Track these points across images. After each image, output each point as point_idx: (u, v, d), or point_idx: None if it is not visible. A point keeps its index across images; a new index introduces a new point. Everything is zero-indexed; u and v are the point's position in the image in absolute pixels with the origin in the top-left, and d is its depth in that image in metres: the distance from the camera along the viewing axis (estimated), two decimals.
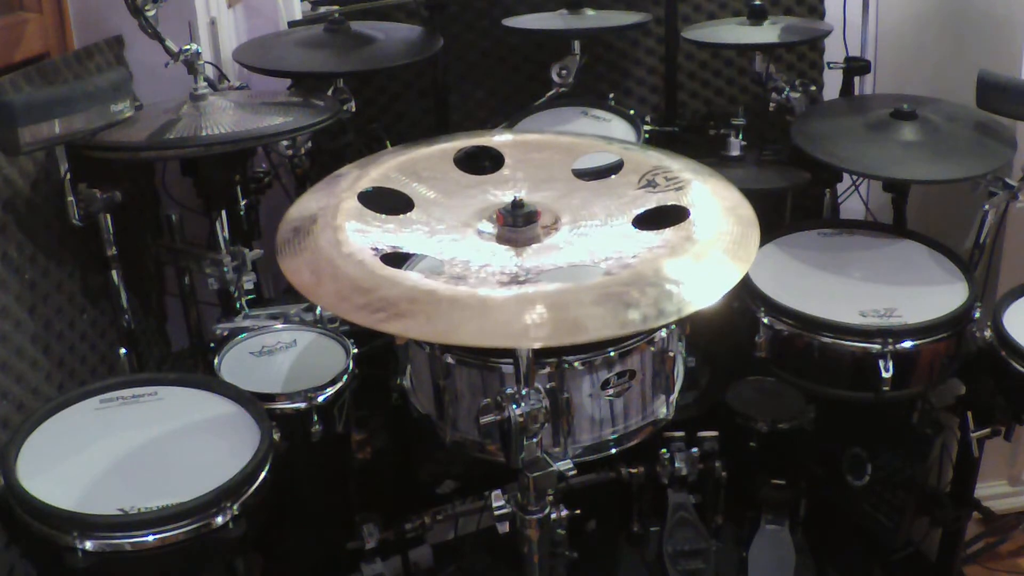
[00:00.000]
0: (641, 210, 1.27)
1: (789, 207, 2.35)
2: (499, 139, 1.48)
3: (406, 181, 1.33)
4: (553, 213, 1.27)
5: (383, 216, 1.25)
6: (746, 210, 1.27)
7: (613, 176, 1.39)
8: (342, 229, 1.17)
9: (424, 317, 1.03)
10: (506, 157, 1.43)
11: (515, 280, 1.12)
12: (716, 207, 1.25)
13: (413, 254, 1.33)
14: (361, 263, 1.10)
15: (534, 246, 1.21)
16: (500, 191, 1.33)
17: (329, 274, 1.10)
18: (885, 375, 1.65)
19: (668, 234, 1.18)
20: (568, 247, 1.21)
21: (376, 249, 1.15)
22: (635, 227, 1.24)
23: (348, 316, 1.05)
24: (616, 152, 1.46)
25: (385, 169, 1.35)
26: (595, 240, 1.22)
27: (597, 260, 1.17)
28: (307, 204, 1.27)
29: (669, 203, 1.27)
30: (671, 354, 1.56)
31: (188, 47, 1.77)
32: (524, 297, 1.05)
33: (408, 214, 1.27)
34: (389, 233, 1.21)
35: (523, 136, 1.54)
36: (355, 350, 1.74)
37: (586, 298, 1.04)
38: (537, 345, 1.12)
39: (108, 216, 1.66)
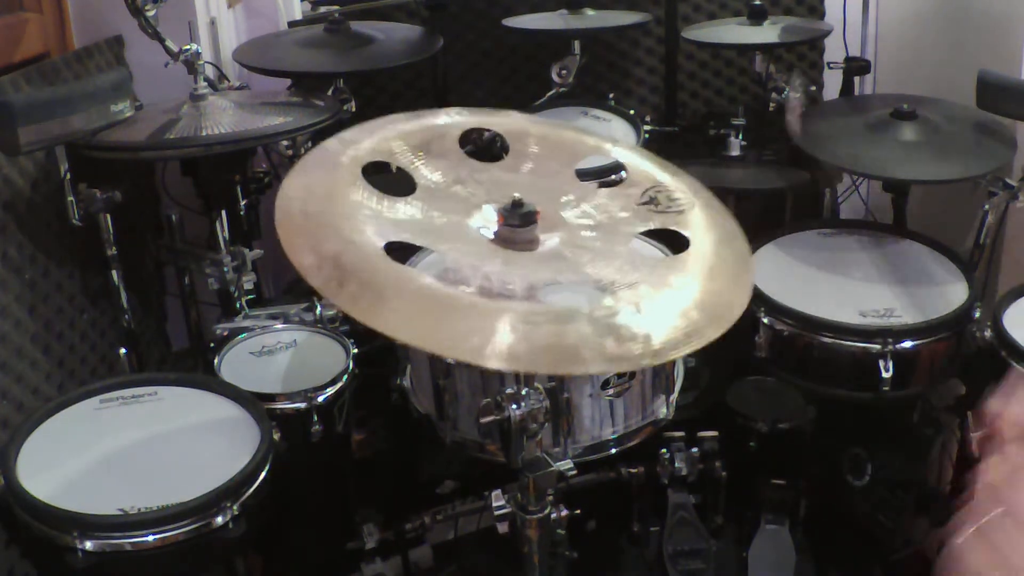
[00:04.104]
0: (640, 229, 1.28)
1: (789, 207, 2.35)
2: (509, 122, 1.47)
3: (409, 158, 1.31)
4: (552, 215, 1.27)
5: (386, 198, 1.23)
6: (741, 244, 1.27)
7: (614, 177, 1.39)
8: (346, 207, 1.16)
9: (415, 320, 1.03)
10: (511, 146, 1.42)
11: (513, 294, 1.11)
12: (712, 240, 1.25)
13: (415, 248, 1.32)
14: (363, 252, 1.10)
15: (531, 254, 1.21)
16: (502, 182, 1.33)
17: (330, 258, 1.08)
18: (885, 375, 1.65)
19: (665, 264, 1.18)
20: (564, 259, 1.20)
21: (380, 237, 1.14)
22: (634, 245, 1.24)
23: (339, 303, 1.05)
24: (618, 155, 1.46)
25: (388, 138, 1.32)
26: (592, 255, 1.21)
27: (592, 280, 1.16)
28: (309, 172, 1.25)
29: (669, 226, 1.27)
30: None
31: (188, 47, 1.78)
32: (519, 314, 1.04)
33: (410, 198, 1.26)
34: (391, 218, 1.20)
35: (532, 125, 1.52)
36: (355, 350, 1.74)
37: (586, 328, 1.03)
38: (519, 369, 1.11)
39: (108, 216, 1.66)
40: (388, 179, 1.27)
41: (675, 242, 1.27)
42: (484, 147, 1.47)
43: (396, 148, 1.31)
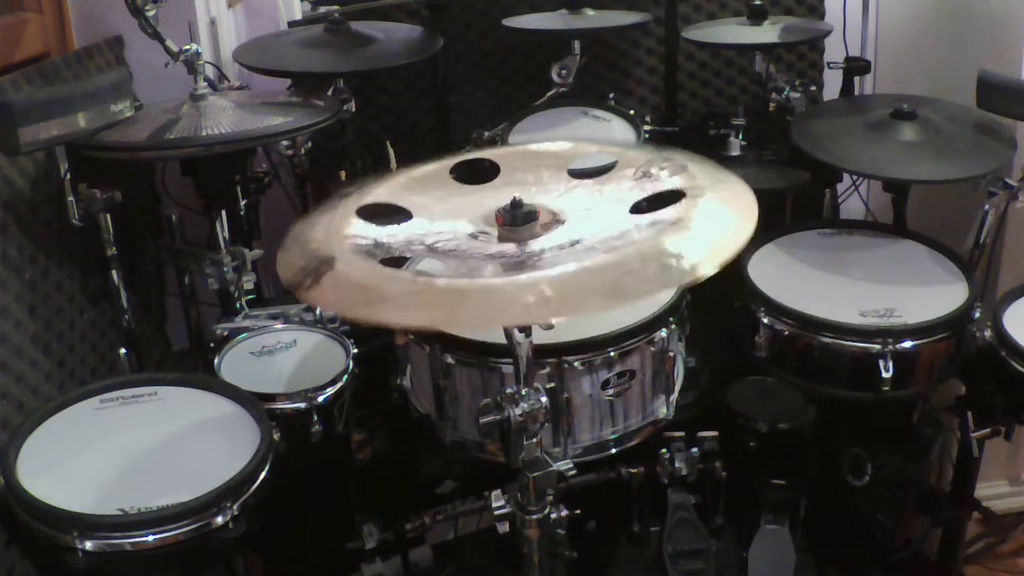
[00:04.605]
0: (638, 198, 1.27)
1: (789, 207, 2.35)
2: (492, 152, 1.48)
3: (405, 195, 1.33)
4: (552, 212, 1.27)
5: (381, 227, 1.24)
6: (742, 188, 1.26)
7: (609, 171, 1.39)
8: (345, 242, 1.17)
9: (428, 309, 1.03)
10: (502, 165, 1.43)
11: (518, 264, 1.12)
12: (712, 184, 1.25)
13: (412, 256, 1.33)
14: (363, 268, 1.10)
15: (534, 241, 1.21)
16: (498, 196, 1.33)
17: (330, 281, 1.10)
18: (885, 375, 1.65)
19: (667, 212, 1.18)
20: (572, 237, 1.20)
21: (375, 243, 1.15)
22: (633, 214, 1.24)
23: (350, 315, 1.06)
24: (612, 153, 1.46)
25: (384, 188, 1.35)
26: (595, 230, 1.21)
27: (598, 243, 1.16)
28: (311, 235, 1.26)
29: (666, 188, 1.27)
30: (671, 354, 1.56)
31: (188, 47, 1.77)
32: (527, 279, 1.04)
33: (408, 223, 1.27)
34: (388, 239, 1.21)
35: (516, 148, 1.54)
36: (355, 350, 1.74)
37: (590, 276, 1.03)
38: (543, 321, 1.11)
39: (108, 216, 1.66)
40: (383, 213, 1.28)
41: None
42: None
43: (391, 192, 1.32)
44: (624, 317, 1.50)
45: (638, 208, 1.24)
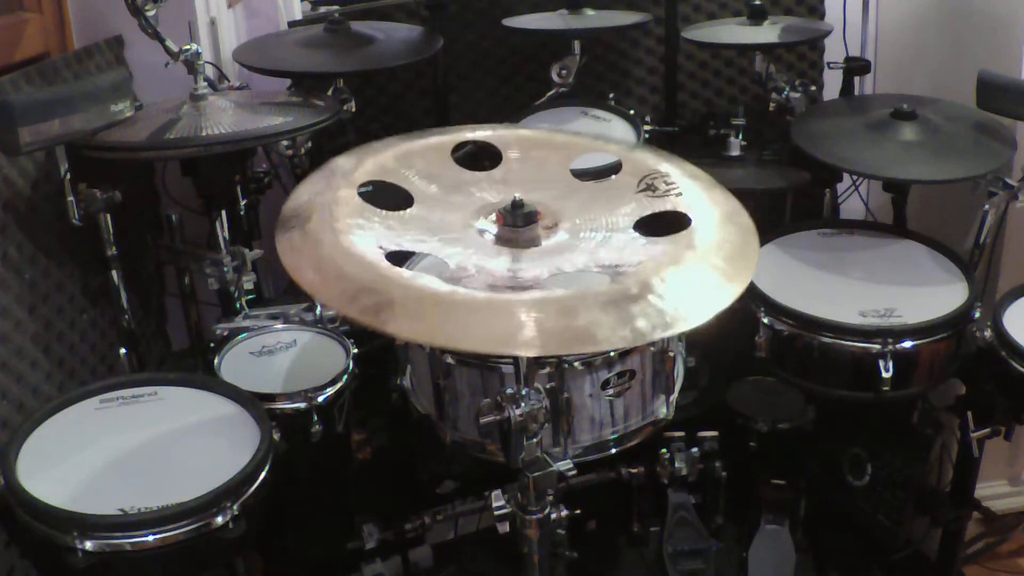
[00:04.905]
0: (641, 215, 1.28)
1: (789, 207, 2.35)
2: (497, 133, 1.47)
3: (404, 174, 1.33)
4: (553, 214, 1.27)
5: (383, 212, 1.24)
6: (744, 218, 1.27)
7: (612, 177, 1.39)
8: (342, 222, 1.17)
9: (428, 320, 1.03)
10: (504, 154, 1.43)
11: (520, 286, 1.12)
12: (715, 216, 1.25)
13: (414, 253, 1.33)
14: (365, 262, 1.10)
15: (535, 248, 1.21)
16: (499, 189, 1.33)
17: (333, 272, 1.10)
18: (885, 375, 1.65)
19: (669, 241, 1.18)
20: (569, 250, 1.21)
21: (380, 248, 1.15)
22: (635, 232, 1.24)
23: (349, 314, 1.05)
24: (615, 153, 1.46)
25: (382, 160, 1.34)
26: (596, 244, 1.21)
27: (600, 266, 1.17)
28: (304, 196, 1.26)
29: (669, 208, 1.27)
30: (671, 354, 1.56)
31: (188, 47, 1.77)
32: (530, 303, 1.04)
33: (408, 210, 1.27)
34: (390, 230, 1.21)
35: (520, 132, 1.54)
36: (355, 350, 1.74)
37: (592, 305, 1.04)
38: (536, 353, 1.12)
39: (108, 216, 1.66)
40: (385, 194, 1.28)
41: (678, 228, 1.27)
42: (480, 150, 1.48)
43: (391, 166, 1.32)
44: None
45: (640, 224, 1.24)
